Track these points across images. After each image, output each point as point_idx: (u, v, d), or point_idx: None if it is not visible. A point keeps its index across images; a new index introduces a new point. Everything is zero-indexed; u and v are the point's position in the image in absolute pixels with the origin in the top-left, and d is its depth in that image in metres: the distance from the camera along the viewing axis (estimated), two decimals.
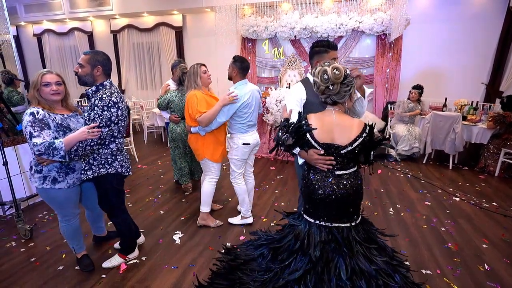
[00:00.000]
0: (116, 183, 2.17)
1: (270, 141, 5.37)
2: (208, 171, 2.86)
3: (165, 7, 7.15)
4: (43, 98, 1.96)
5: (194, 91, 2.66)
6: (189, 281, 2.19)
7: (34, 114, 1.88)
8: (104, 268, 2.33)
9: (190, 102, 2.63)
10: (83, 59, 1.97)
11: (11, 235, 2.83)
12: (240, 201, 2.97)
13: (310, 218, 1.76)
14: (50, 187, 2.02)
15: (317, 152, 1.65)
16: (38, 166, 1.99)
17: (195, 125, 2.68)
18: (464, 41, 5.81)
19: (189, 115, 2.66)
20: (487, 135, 4.41)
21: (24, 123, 1.86)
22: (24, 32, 9.29)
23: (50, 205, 2.17)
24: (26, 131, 1.85)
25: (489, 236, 2.77)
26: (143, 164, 5.01)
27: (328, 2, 6.28)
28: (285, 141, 1.71)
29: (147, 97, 8.25)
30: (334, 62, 1.61)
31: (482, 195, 3.66)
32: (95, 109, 1.92)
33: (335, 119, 1.64)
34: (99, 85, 2.02)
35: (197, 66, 2.70)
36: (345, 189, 1.64)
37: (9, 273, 2.29)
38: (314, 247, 1.66)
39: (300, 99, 1.99)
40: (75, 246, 2.30)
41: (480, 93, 5.92)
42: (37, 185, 2.02)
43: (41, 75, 1.93)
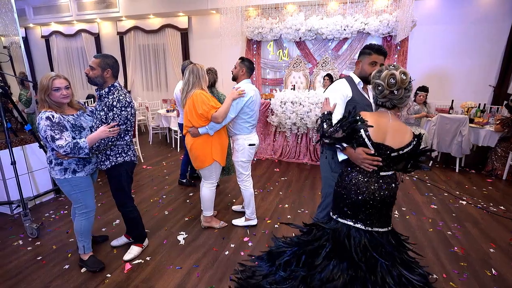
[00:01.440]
0: (130, 170, 2.39)
1: (274, 143, 5.37)
2: (210, 176, 2.77)
3: (170, 9, 7.21)
4: (53, 102, 2.04)
5: (198, 90, 2.55)
6: (193, 282, 2.20)
7: (50, 118, 1.97)
8: (126, 260, 2.42)
9: (200, 101, 2.49)
10: (94, 62, 2.13)
11: (18, 233, 2.87)
12: (246, 204, 2.95)
13: (347, 220, 1.67)
14: (71, 176, 2.14)
15: (366, 151, 1.59)
16: (57, 159, 2.09)
17: (204, 125, 2.56)
18: (471, 43, 5.77)
19: (199, 115, 2.51)
20: (495, 138, 4.36)
21: (41, 127, 1.94)
22: (33, 34, 9.44)
23: (72, 197, 2.20)
24: (46, 134, 1.94)
25: (497, 240, 2.74)
26: (148, 164, 5.04)
27: (333, 4, 6.28)
28: (332, 134, 1.66)
29: (153, 98, 8.32)
30: (400, 66, 1.58)
31: (489, 199, 3.62)
32: (113, 109, 2.12)
33: (391, 121, 1.61)
34: (110, 87, 2.18)
35: (197, 68, 2.60)
36: (388, 191, 1.61)
37: (17, 271, 2.32)
38: (357, 251, 1.58)
39: (345, 95, 1.95)
40: (86, 245, 2.32)
41: (487, 95, 5.86)
42: (59, 176, 2.11)
43: (51, 80, 1.99)
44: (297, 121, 4.87)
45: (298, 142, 5.22)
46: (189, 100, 2.55)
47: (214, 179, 2.80)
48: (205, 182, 2.80)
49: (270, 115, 5.17)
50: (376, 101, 1.66)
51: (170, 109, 6.12)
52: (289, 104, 4.86)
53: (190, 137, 2.65)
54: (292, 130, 5.12)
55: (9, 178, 3.15)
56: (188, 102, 2.56)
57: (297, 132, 5.13)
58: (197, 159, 2.67)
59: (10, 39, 3.73)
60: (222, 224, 2.97)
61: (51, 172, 2.15)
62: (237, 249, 2.60)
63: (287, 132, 5.20)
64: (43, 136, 1.96)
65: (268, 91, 6.98)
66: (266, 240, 2.75)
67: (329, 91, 2.01)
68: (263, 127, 5.39)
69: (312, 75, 6.74)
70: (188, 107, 2.56)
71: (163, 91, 8.44)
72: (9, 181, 3.16)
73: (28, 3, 8.39)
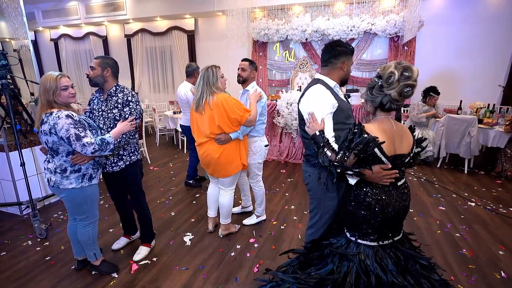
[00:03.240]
0: (141, 167, 2.47)
1: (281, 144, 5.37)
2: (232, 183, 2.67)
3: (177, 11, 7.27)
4: (61, 103, 1.93)
5: (221, 94, 2.39)
6: (199, 283, 2.21)
7: (71, 116, 1.87)
8: (136, 261, 2.44)
9: (233, 105, 2.35)
10: (94, 63, 2.17)
11: (27, 234, 2.91)
12: (259, 203, 3.02)
13: (372, 242, 1.54)
14: (88, 184, 2.04)
15: (384, 167, 1.46)
16: (74, 166, 1.97)
17: (237, 129, 2.44)
18: (479, 42, 5.69)
19: (232, 120, 2.37)
20: (505, 139, 4.29)
21: (61, 126, 1.81)
22: (42, 37, 9.59)
23: (80, 209, 2.08)
24: (68, 134, 1.81)
25: (506, 242, 2.69)
26: (155, 166, 5.08)
27: (339, 5, 6.25)
28: (343, 161, 1.44)
29: (160, 100, 8.38)
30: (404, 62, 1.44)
31: (498, 201, 3.56)
32: (129, 104, 2.19)
33: (394, 127, 1.49)
34: (116, 86, 2.23)
35: (215, 69, 2.42)
36: (408, 198, 1.55)
37: (26, 271, 2.36)
38: (395, 275, 1.46)
39: (333, 105, 1.68)
40: (96, 251, 2.27)
41: (497, 95, 5.77)
42: (74, 185, 1.98)
43: (58, 79, 1.90)
44: None
45: None
46: (215, 105, 2.33)
47: (234, 185, 2.74)
48: (226, 190, 2.67)
49: (276, 116, 5.17)
50: (385, 105, 1.49)
51: (177, 110, 6.16)
52: (295, 105, 4.85)
53: (216, 145, 2.44)
54: (299, 132, 5.11)
55: (19, 179, 3.20)
56: (215, 108, 2.33)
57: None
58: (227, 167, 2.51)
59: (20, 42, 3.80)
60: (237, 226, 2.96)
61: (62, 183, 1.95)
62: (243, 250, 2.60)
63: (293, 133, 5.19)
64: (64, 136, 1.82)
65: (274, 92, 6.98)
66: (272, 241, 2.75)
67: (311, 102, 1.69)
68: (269, 129, 5.39)
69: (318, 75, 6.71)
70: (217, 113, 2.33)
71: (170, 93, 8.49)
72: (19, 182, 3.21)
73: (38, 6, 8.54)
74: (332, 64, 1.76)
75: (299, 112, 1.84)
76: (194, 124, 2.50)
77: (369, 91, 1.54)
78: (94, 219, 2.18)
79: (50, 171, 1.97)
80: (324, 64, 1.81)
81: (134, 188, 2.43)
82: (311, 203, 1.93)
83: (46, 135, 1.87)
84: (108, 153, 1.99)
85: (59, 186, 1.96)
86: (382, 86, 1.48)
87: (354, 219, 1.59)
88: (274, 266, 2.39)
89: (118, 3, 7.71)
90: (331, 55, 1.74)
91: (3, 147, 3.11)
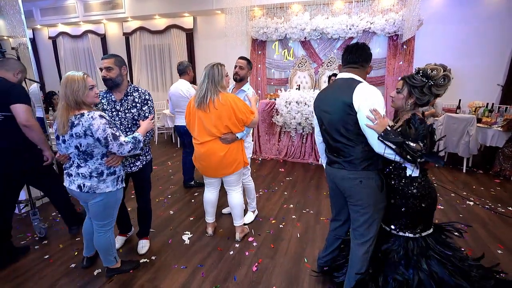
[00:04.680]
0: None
1: (279, 143, 5.37)
2: (239, 181, 2.67)
3: (176, 9, 7.24)
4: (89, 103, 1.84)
5: (227, 93, 2.37)
6: (198, 281, 2.21)
7: (104, 117, 1.81)
8: (143, 253, 2.53)
9: (242, 106, 2.35)
10: (108, 62, 2.08)
11: (26, 232, 2.91)
12: (253, 198, 3.09)
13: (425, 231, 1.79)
14: (121, 187, 2.00)
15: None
16: (109, 168, 1.91)
17: (242, 130, 2.45)
18: (479, 41, 5.69)
19: (239, 120, 2.36)
20: (503, 138, 4.30)
21: (97, 127, 1.75)
22: (40, 35, 9.55)
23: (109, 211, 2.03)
24: (105, 134, 1.76)
25: (505, 242, 2.70)
26: (154, 164, 5.07)
27: (338, 3, 6.25)
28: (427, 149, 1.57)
29: (158, 99, 8.36)
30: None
31: (497, 200, 3.58)
32: (148, 103, 2.21)
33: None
34: (130, 84, 2.23)
35: (221, 67, 2.37)
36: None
37: (25, 269, 2.36)
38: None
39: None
40: (116, 254, 2.24)
41: (496, 95, 5.78)
42: (111, 189, 1.92)
43: (85, 78, 1.80)
44: (302, 121, 4.86)
45: (303, 142, 5.21)
46: (222, 105, 2.28)
47: (241, 183, 2.76)
48: (235, 189, 2.67)
49: (275, 115, 5.17)
50: (427, 103, 1.74)
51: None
52: (294, 104, 4.85)
53: (220, 143, 2.41)
54: (297, 130, 5.11)
55: None
56: (222, 107, 2.28)
57: (302, 132, 5.12)
58: (230, 165, 2.49)
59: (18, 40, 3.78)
60: (246, 226, 2.95)
61: (99, 188, 1.87)
62: (242, 249, 2.61)
63: (292, 132, 5.19)
64: (101, 136, 1.76)
65: (273, 91, 6.97)
66: (270, 240, 2.76)
67: (371, 99, 1.59)
68: (268, 127, 5.39)
69: (317, 74, 6.72)
70: (226, 112, 2.30)
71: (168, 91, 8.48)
72: None
73: (36, 4, 8.50)
74: (364, 67, 1.80)
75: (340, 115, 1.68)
76: (195, 121, 2.41)
77: (417, 89, 1.69)
78: (113, 223, 2.13)
79: (84, 176, 1.85)
80: (354, 66, 1.78)
81: (148, 186, 2.50)
82: (362, 214, 1.74)
83: (80, 137, 1.77)
84: (139, 151, 1.99)
85: (95, 191, 1.87)
86: (431, 86, 1.66)
87: (414, 214, 1.72)
88: (273, 264, 2.41)
89: (116, 1, 7.68)
90: (364, 58, 1.78)
91: None
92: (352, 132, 1.66)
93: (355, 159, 1.69)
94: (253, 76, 7.25)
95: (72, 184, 1.90)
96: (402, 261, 1.74)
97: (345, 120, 1.67)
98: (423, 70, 1.71)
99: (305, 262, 2.43)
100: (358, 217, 1.76)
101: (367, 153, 1.67)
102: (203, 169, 2.58)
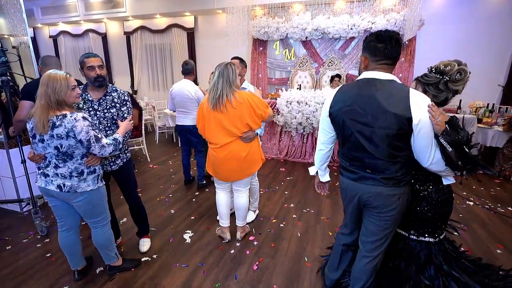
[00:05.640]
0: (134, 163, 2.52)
1: (280, 142, 5.39)
2: (248, 183, 2.65)
3: (177, 8, 7.25)
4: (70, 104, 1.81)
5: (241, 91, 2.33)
6: (199, 280, 2.23)
7: (87, 118, 1.80)
8: (143, 252, 2.55)
9: (258, 101, 2.32)
10: (100, 61, 2.09)
11: (27, 231, 2.93)
12: (256, 198, 3.08)
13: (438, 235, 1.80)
14: (101, 184, 2.01)
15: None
16: (89, 168, 1.90)
17: (261, 126, 2.44)
18: (480, 42, 5.70)
19: (259, 116, 2.34)
20: (503, 139, 4.32)
21: (79, 129, 1.73)
22: (41, 33, 9.57)
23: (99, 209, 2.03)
24: (88, 136, 1.76)
25: (504, 242, 2.72)
26: (155, 164, 5.09)
27: (340, 3, 6.26)
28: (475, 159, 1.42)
29: (159, 98, 8.38)
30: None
31: (497, 200, 3.59)
32: (127, 104, 2.21)
33: None
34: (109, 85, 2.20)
35: (234, 66, 2.32)
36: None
37: (26, 267, 2.38)
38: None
39: None
40: (116, 251, 2.25)
41: (496, 95, 5.79)
42: (92, 187, 1.92)
43: (68, 78, 1.77)
44: (303, 121, 4.87)
45: (303, 142, 5.22)
46: (240, 104, 2.24)
47: (249, 185, 2.71)
48: (243, 191, 2.63)
49: (276, 114, 5.18)
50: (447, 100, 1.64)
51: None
52: (295, 104, 4.86)
53: (241, 143, 2.37)
54: (298, 130, 5.12)
55: (18, 176, 3.21)
56: (240, 106, 2.25)
57: (302, 132, 5.14)
58: (252, 165, 2.47)
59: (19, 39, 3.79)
60: (247, 225, 2.96)
61: (80, 187, 1.86)
62: (243, 248, 2.63)
63: (293, 132, 5.20)
64: (84, 138, 1.75)
65: (274, 91, 6.99)
66: (271, 239, 2.77)
67: (424, 99, 1.42)
68: (268, 127, 5.41)
69: (318, 74, 6.73)
70: (246, 110, 2.27)
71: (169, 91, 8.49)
72: (19, 179, 3.23)
73: (36, 3, 8.51)
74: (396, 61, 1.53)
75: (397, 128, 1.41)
76: (212, 124, 2.33)
77: (432, 86, 1.61)
78: (108, 218, 2.14)
79: (63, 176, 1.83)
80: (391, 63, 1.50)
81: (132, 183, 2.48)
82: (385, 229, 1.62)
83: (61, 139, 1.74)
84: (119, 152, 2.00)
85: (76, 190, 1.85)
86: (447, 82, 1.57)
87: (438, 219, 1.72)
88: (274, 263, 2.42)
89: (117, 0, 7.70)
90: (399, 52, 1.49)
91: (3, 144, 3.12)
92: (402, 148, 1.47)
93: (400, 175, 1.51)
94: (254, 75, 7.26)
95: (49, 184, 1.85)
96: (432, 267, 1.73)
97: (396, 137, 1.43)
98: (436, 67, 1.64)
99: (306, 261, 2.45)
100: (380, 231, 1.63)
101: (408, 169, 1.55)
102: (224, 175, 2.49)
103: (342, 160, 1.71)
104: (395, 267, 1.82)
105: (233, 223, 2.87)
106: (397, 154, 1.47)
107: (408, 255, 1.79)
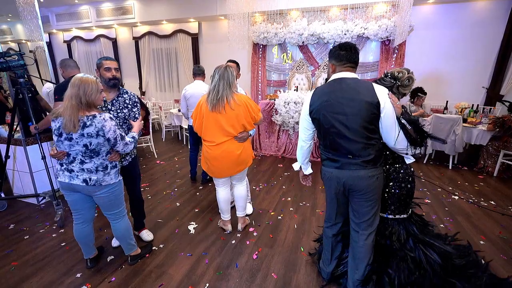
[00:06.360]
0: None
1: (278, 140, 5.39)
2: (245, 175, 2.70)
3: (182, 15, 7.24)
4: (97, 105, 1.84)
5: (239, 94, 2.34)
6: (203, 268, 2.24)
7: (113, 119, 1.85)
8: (151, 240, 2.59)
9: (251, 104, 2.34)
10: (116, 64, 2.13)
11: (44, 222, 2.94)
12: (248, 189, 3.10)
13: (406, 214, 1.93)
14: (121, 178, 2.05)
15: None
16: (112, 163, 1.95)
17: (254, 127, 2.50)
18: (465, 46, 5.69)
19: (253, 118, 2.37)
20: (487, 137, 4.32)
21: (108, 128, 1.79)
22: (56, 38, 9.56)
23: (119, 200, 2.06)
24: (115, 135, 1.83)
25: (487, 233, 2.73)
26: (161, 160, 5.10)
27: (334, 10, 6.24)
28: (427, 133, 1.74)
29: (165, 99, 8.38)
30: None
31: (480, 194, 3.60)
32: (137, 105, 2.24)
33: None
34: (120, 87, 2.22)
35: (232, 69, 2.29)
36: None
37: (43, 255, 2.40)
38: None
39: None
40: (134, 239, 2.26)
41: (480, 97, 5.79)
42: (115, 180, 1.97)
43: (98, 82, 1.81)
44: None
45: None
46: (238, 105, 2.26)
47: (246, 176, 2.76)
48: (242, 182, 2.68)
49: (274, 114, 5.19)
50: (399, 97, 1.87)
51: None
52: (292, 104, 4.87)
53: (236, 143, 2.38)
54: (295, 129, 5.13)
55: (35, 171, 3.23)
56: (238, 108, 2.26)
57: None
58: (246, 161, 2.50)
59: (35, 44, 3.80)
60: (247, 217, 2.97)
61: (104, 180, 1.90)
62: (243, 239, 2.64)
63: (290, 130, 5.21)
64: (112, 137, 1.82)
65: (272, 92, 6.98)
66: (270, 230, 2.78)
67: (384, 90, 1.64)
68: (267, 126, 5.41)
69: (314, 77, 6.72)
70: (243, 112, 2.29)
71: (175, 92, 8.49)
72: (36, 174, 3.24)
73: (52, 10, 8.50)
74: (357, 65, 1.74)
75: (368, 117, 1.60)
76: (210, 124, 2.32)
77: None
78: (125, 209, 2.17)
79: (90, 171, 1.86)
80: (354, 66, 1.71)
81: (138, 176, 2.50)
82: (372, 208, 1.73)
83: (91, 137, 1.78)
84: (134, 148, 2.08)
85: (101, 184, 1.90)
86: (399, 86, 1.83)
87: (406, 196, 1.86)
88: (272, 253, 2.44)
89: (126, 7, 7.68)
90: (358, 58, 1.71)
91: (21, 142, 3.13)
92: (374, 131, 1.63)
93: (375, 157, 1.65)
94: (254, 77, 7.26)
95: (74, 179, 1.87)
96: (410, 239, 1.85)
97: (368, 120, 1.59)
98: (391, 72, 1.85)
99: (302, 251, 2.46)
100: (369, 211, 1.73)
101: (381, 150, 1.72)
102: (216, 171, 2.48)
103: (324, 153, 1.80)
104: (382, 247, 1.88)
105: (233, 216, 2.88)
106: (371, 136, 1.63)
107: (390, 233, 1.89)
